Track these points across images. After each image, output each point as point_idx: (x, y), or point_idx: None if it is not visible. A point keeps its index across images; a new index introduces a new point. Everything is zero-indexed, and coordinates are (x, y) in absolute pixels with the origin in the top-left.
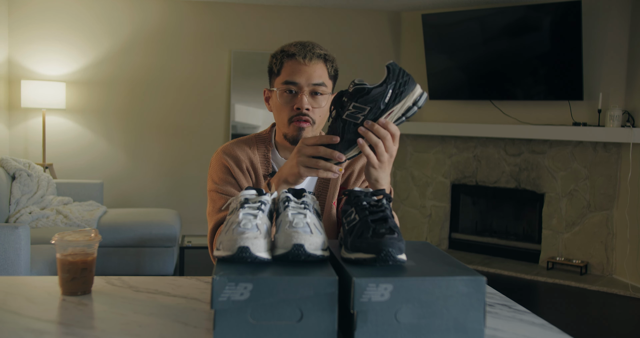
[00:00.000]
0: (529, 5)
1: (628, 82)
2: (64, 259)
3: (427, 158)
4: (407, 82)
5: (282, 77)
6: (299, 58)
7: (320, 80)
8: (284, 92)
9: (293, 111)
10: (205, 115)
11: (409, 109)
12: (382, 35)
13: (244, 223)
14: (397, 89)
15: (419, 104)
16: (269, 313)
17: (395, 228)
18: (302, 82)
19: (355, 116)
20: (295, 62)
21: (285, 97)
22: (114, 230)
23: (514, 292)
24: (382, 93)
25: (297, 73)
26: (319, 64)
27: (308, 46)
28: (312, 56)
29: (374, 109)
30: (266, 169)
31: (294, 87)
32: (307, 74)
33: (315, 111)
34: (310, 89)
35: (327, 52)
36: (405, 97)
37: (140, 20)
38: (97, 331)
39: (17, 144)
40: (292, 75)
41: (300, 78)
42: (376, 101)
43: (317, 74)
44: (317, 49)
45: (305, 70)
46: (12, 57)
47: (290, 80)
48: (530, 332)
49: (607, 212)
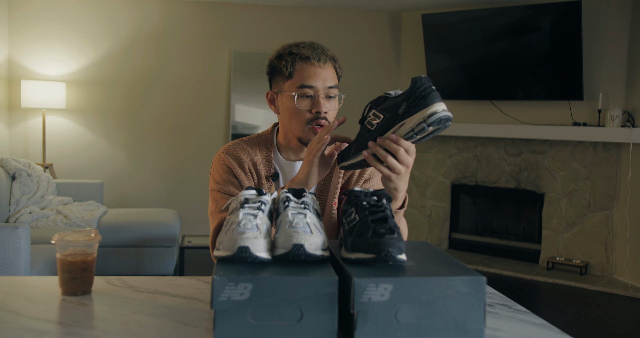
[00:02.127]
0: (528, 5)
1: (628, 82)
2: (64, 259)
3: (427, 158)
4: (426, 97)
5: (297, 80)
6: (314, 61)
7: (334, 82)
8: (300, 96)
9: (311, 114)
10: (205, 115)
11: (418, 125)
12: (382, 36)
13: (244, 223)
14: (412, 102)
15: (428, 121)
16: (269, 313)
17: (395, 228)
18: (318, 86)
19: (371, 122)
20: (310, 65)
21: (302, 101)
22: (114, 230)
23: (514, 292)
24: (399, 104)
25: (313, 77)
26: (330, 65)
27: (318, 48)
28: (325, 58)
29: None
30: (268, 170)
31: (310, 91)
32: (323, 77)
33: (330, 114)
34: (325, 92)
35: (333, 54)
36: (418, 112)
37: (140, 20)
38: (97, 331)
39: (17, 144)
40: (308, 79)
41: (317, 82)
42: (391, 111)
43: (331, 77)
44: (327, 50)
45: (321, 73)
46: (12, 57)
47: (307, 84)
48: (530, 332)
49: (607, 212)
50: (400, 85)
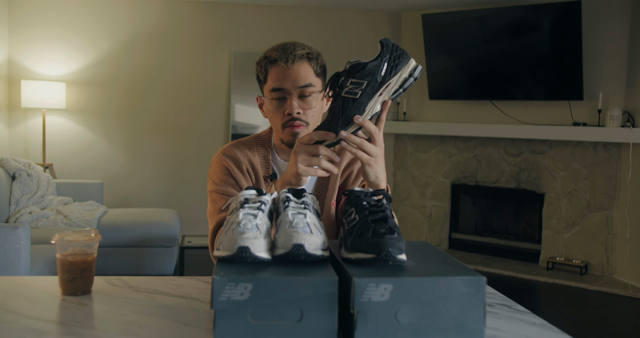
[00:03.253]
0: (529, 5)
1: (628, 82)
2: (64, 259)
3: (427, 158)
4: (402, 55)
5: (269, 84)
6: (281, 63)
7: (307, 81)
8: (273, 100)
9: (285, 116)
10: (205, 115)
11: (405, 81)
12: (382, 36)
13: (244, 223)
14: (392, 62)
15: (414, 75)
16: (269, 313)
17: (395, 228)
18: (288, 87)
19: (353, 91)
20: (278, 67)
21: (275, 104)
22: (114, 230)
23: (514, 292)
24: (378, 66)
25: (282, 79)
26: (303, 64)
27: (289, 48)
28: (294, 58)
29: (371, 82)
30: (266, 171)
31: (281, 93)
32: (292, 78)
33: (307, 113)
34: (298, 92)
35: (309, 51)
36: (401, 70)
37: (140, 20)
38: (97, 331)
39: (17, 144)
40: (277, 81)
41: (286, 83)
42: (373, 75)
43: (302, 76)
44: (298, 49)
45: (290, 74)
46: (12, 57)
47: (277, 86)
48: (530, 332)
49: (607, 212)
50: None
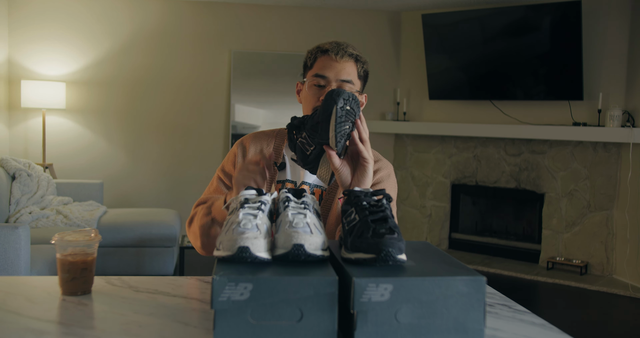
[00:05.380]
0: (528, 5)
1: (628, 82)
2: (64, 259)
3: (427, 158)
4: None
5: (314, 70)
6: (332, 54)
7: (349, 77)
8: (313, 85)
9: (318, 102)
10: (205, 115)
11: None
12: (382, 35)
13: (244, 223)
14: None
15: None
16: (269, 313)
17: (395, 228)
18: (330, 77)
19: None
20: (327, 57)
21: (313, 89)
22: (114, 230)
23: (514, 292)
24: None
25: (327, 68)
26: (350, 62)
27: (342, 44)
28: (344, 53)
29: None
30: (276, 158)
31: (322, 80)
32: (337, 70)
33: None
34: (337, 84)
35: (359, 54)
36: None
37: (140, 20)
38: (97, 331)
39: (17, 144)
40: (322, 69)
41: (329, 72)
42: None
43: (346, 71)
44: (349, 48)
45: (335, 65)
46: (12, 57)
47: (320, 73)
48: (530, 332)
49: (607, 212)
50: (401, 84)
